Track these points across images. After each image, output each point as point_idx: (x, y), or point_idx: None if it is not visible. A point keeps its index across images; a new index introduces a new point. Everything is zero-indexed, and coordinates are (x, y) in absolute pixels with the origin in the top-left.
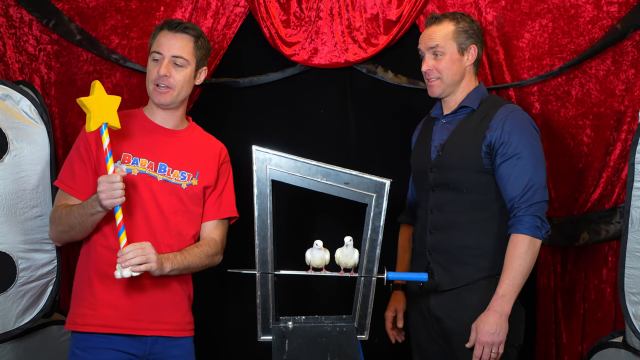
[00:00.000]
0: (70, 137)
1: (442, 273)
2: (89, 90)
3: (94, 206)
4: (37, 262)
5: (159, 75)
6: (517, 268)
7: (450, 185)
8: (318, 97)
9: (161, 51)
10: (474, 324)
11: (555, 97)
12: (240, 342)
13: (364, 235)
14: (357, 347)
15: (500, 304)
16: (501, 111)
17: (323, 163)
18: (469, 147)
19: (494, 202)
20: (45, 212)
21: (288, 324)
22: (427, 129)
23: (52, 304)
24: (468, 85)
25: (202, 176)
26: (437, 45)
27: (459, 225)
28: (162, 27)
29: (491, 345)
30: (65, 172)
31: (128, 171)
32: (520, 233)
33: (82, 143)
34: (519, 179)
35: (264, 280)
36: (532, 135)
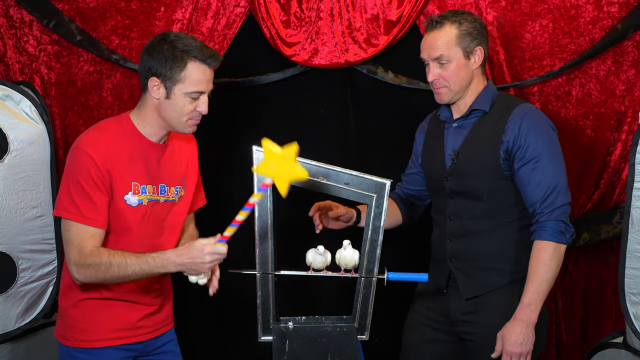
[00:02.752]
0: (71, 137)
1: (465, 280)
2: (89, 91)
3: (169, 268)
4: (38, 263)
5: (197, 112)
6: (543, 275)
7: (468, 193)
8: (318, 97)
9: (204, 90)
10: (499, 333)
11: (555, 98)
12: (241, 342)
13: (364, 236)
14: (358, 347)
15: (527, 312)
16: (516, 113)
17: (323, 163)
18: (486, 153)
19: (513, 207)
20: (45, 213)
21: (288, 324)
22: (437, 133)
23: (53, 305)
24: (477, 87)
25: (188, 183)
26: (441, 55)
27: (479, 232)
28: (197, 59)
29: (519, 356)
30: (83, 204)
31: (139, 202)
32: (544, 240)
33: (93, 172)
34: (540, 183)
35: (264, 280)
36: (549, 135)
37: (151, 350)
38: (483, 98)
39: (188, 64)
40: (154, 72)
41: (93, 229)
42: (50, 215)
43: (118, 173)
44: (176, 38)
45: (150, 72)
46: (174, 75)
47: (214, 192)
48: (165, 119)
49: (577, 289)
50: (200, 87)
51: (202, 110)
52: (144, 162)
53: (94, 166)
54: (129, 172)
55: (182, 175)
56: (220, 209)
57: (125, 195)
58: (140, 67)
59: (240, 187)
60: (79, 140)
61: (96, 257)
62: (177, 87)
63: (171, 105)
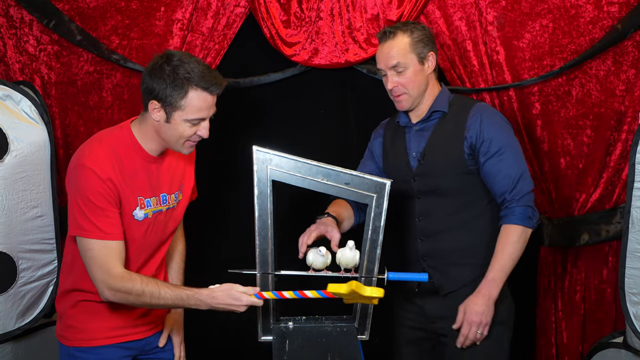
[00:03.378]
0: (71, 137)
1: (440, 277)
2: (89, 91)
3: (201, 307)
4: (38, 263)
5: (198, 136)
6: (509, 255)
7: (436, 192)
8: (318, 97)
9: (205, 117)
10: (461, 305)
11: (555, 98)
12: (241, 342)
13: (364, 236)
14: (358, 347)
15: (490, 287)
16: (474, 110)
17: (323, 163)
18: (451, 150)
19: (480, 200)
20: (45, 213)
21: (289, 324)
22: (398, 137)
23: (53, 305)
24: (433, 91)
25: (185, 186)
26: (398, 63)
27: (449, 228)
28: (198, 87)
29: (478, 325)
30: (99, 220)
31: (145, 216)
32: (512, 224)
33: (101, 189)
34: (507, 174)
35: (264, 280)
36: (508, 129)
37: (151, 349)
38: (441, 100)
39: (189, 92)
40: (155, 95)
41: (114, 242)
42: (51, 215)
43: (124, 189)
44: (179, 63)
45: (151, 95)
46: (175, 102)
47: (212, 192)
48: (164, 139)
49: (577, 289)
50: (200, 114)
51: (202, 134)
52: (146, 174)
53: (101, 183)
54: (134, 188)
55: (180, 181)
56: (219, 209)
57: (133, 211)
58: (142, 86)
59: (240, 187)
60: (83, 157)
61: (127, 283)
62: (177, 113)
63: (170, 129)
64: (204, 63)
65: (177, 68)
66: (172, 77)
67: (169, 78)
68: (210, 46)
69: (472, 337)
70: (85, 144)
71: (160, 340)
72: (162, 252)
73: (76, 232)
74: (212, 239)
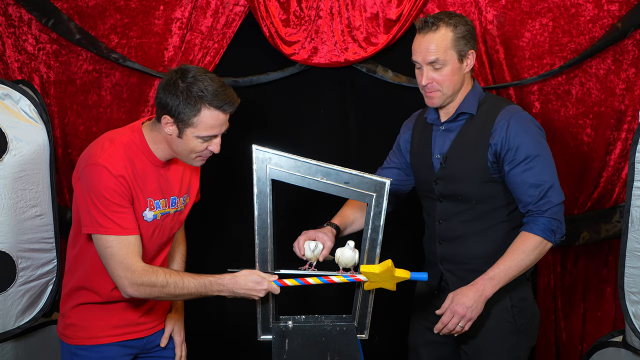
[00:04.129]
0: (70, 136)
1: (457, 282)
2: (88, 90)
3: (224, 293)
4: (37, 262)
5: (209, 151)
6: (518, 262)
7: (457, 197)
8: (318, 96)
9: (217, 133)
10: (451, 293)
11: (555, 97)
12: (240, 341)
13: (364, 235)
14: (357, 346)
15: (486, 285)
16: (502, 115)
17: (323, 162)
18: (474, 157)
19: (502, 209)
20: (45, 212)
21: (288, 323)
22: (424, 135)
23: (52, 304)
24: (465, 89)
25: (192, 189)
26: (437, 59)
27: (468, 235)
28: (211, 105)
29: (461, 317)
30: (116, 216)
31: (154, 217)
32: (532, 232)
33: (115, 186)
34: (533, 184)
35: None
36: (537, 135)
37: (152, 348)
38: (470, 100)
39: (202, 110)
40: (167, 111)
41: (132, 237)
42: (50, 215)
43: (135, 189)
44: (193, 80)
45: (164, 110)
46: (187, 119)
47: (211, 191)
48: (175, 152)
49: (577, 288)
50: (212, 132)
51: (213, 150)
52: (155, 177)
53: (114, 179)
54: (144, 189)
55: (188, 184)
56: (218, 209)
57: (143, 212)
58: (156, 99)
59: (240, 186)
60: (95, 156)
61: (151, 276)
62: (189, 129)
63: (182, 144)
64: (218, 80)
65: (191, 86)
66: (186, 95)
67: (183, 95)
68: (210, 45)
69: (451, 327)
70: (94, 144)
71: (162, 340)
72: (164, 254)
73: (94, 230)
74: (211, 238)
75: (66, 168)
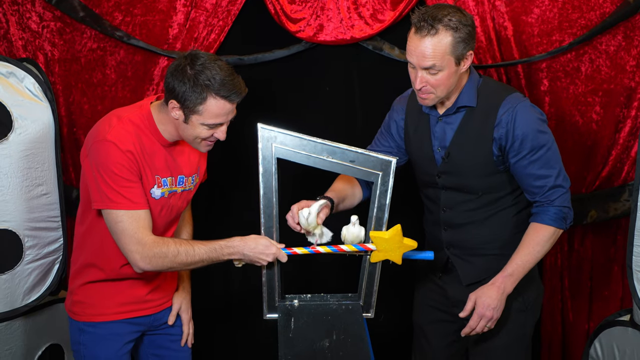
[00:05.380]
0: (75, 115)
1: (464, 265)
2: (93, 68)
3: (235, 256)
4: (44, 240)
5: (215, 138)
6: (533, 254)
7: (462, 189)
8: (323, 74)
9: (223, 122)
10: (472, 294)
11: (564, 74)
12: (246, 319)
13: (369, 214)
14: (363, 325)
15: (506, 282)
16: (504, 106)
17: (329, 141)
18: (478, 151)
19: (509, 196)
20: (50, 191)
21: (294, 302)
22: (421, 124)
23: (59, 282)
24: (462, 83)
25: (201, 169)
26: (433, 65)
27: (475, 222)
28: (218, 95)
29: (488, 320)
30: (127, 191)
31: (162, 195)
32: (544, 223)
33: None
34: (539, 175)
35: None
36: (541, 125)
37: (159, 325)
38: (468, 93)
39: (208, 99)
40: (174, 96)
41: (142, 211)
42: (56, 193)
43: (143, 165)
44: (201, 68)
45: (171, 95)
46: (193, 106)
47: (216, 171)
48: (181, 135)
49: (584, 267)
50: (218, 120)
51: (219, 137)
52: (163, 156)
53: (122, 154)
54: (152, 166)
55: (197, 164)
56: (223, 188)
57: (151, 189)
58: (165, 82)
59: (245, 165)
60: (104, 132)
61: (162, 247)
62: (195, 117)
63: (188, 129)
64: (227, 68)
65: (199, 74)
66: (193, 82)
67: (190, 82)
68: (214, 22)
69: (479, 330)
70: (102, 121)
71: (170, 318)
72: (171, 232)
73: (104, 205)
74: (217, 218)
75: (71, 147)
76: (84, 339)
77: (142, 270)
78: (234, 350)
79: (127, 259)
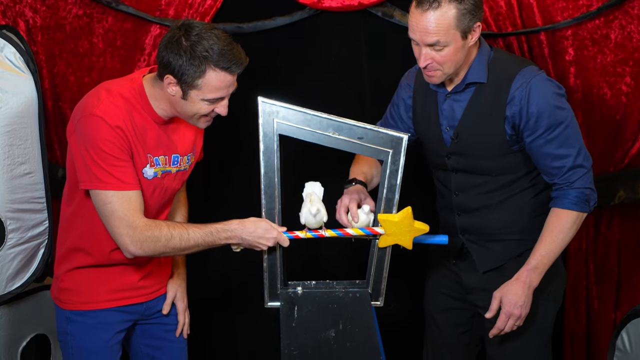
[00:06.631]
0: (60, 87)
1: (480, 251)
2: (79, 36)
3: (233, 240)
4: (28, 223)
5: (215, 113)
6: (557, 242)
7: (474, 171)
8: (329, 43)
9: (224, 95)
10: (497, 292)
11: (591, 42)
12: (246, 308)
13: (379, 195)
14: (372, 314)
15: (531, 275)
16: (517, 81)
17: (335, 116)
18: (489, 131)
19: (525, 177)
20: (34, 170)
21: (297, 289)
22: (429, 101)
23: (45, 268)
24: (471, 58)
25: (197, 147)
26: (437, 41)
27: (490, 205)
28: (217, 66)
29: (517, 318)
30: (117, 170)
31: (155, 175)
32: (566, 208)
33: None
34: (557, 155)
35: None
36: (558, 100)
37: (152, 314)
38: (478, 68)
39: (207, 72)
40: (170, 70)
41: (133, 192)
42: (40, 172)
43: (135, 142)
44: (197, 38)
45: (166, 69)
46: (191, 80)
47: (213, 149)
48: (178, 112)
49: (611, 252)
50: (219, 94)
51: (220, 112)
52: (155, 133)
53: (110, 130)
54: (144, 144)
55: (193, 142)
56: (221, 167)
57: (143, 169)
58: (158, 55)
59: (244, 138)
60: (92, 106)
61: (154, 230)
62: (194, 92)
63: (187, 105)
64: (225, 37)
65: (196, 45)
66: (189, 54)
67: (186, 55)
68: None
69: (507, 330)
70: (89, 94)
71: (164, 307)
72: (164, 215)
73: (92, 186)
74: (214, 199)
75: (56, 122)
76: (71, 329)
77: (133, 255)
78: (233, 342)
79: (117, 243)
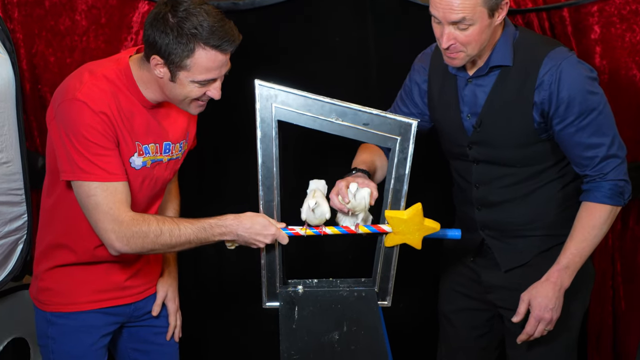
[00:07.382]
0: (39, 69)
1: (503, 248)
2: (59, 13)
3: (228, 236)
4: (4, 217)
5: (208, 97)
6: (590, 239)
7: (498, 162)
8: (333, 22)
9: (216, 76)
10: (525, 295)
11: (619, 19)
12: (243, 309)
13: (386, 186)
14: (379, 315)
15: (562, 275)
16: (546, 65)
17: (338, 100)
18: (515, 120)
19: (553, 167)
20: (12, 159)
21: (297, 288)
22: (447, 86)
23: (23, 265)
24: (494, 38)
25: (190, 134)
26: (463, 18)
27: (513, 199)
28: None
29: (547, 322)
30: (101, 160)
31: (144, 164)
32: (599, 202)
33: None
34: (589, 145)
35: None
36: (591, 85)
37: (141, 316)
38: (502, 50)
39: (196, 50)
40: (157, 50)
41: (119, 184)
42: (18, 162)
43: (121, 129)
44: (185, 15)
45: (152, 49)
46: (180, 61)
47: (210, 130)
48: (168, 97)
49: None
50: (210, 75)
51: (213, 96)
52: (144, 119)
53: (94, 116)
54: (132, 131)
55: (185, 128)
56: (216, 156)
57: (130, 158)
58: (144, 34)
59: (240, 125)
60: (74, 89)
61: (142, 225)
62: (183, 73)
63: (176, 89)
64: (216, 13)
65: (183, 21)
66: (177, 32)
67: (173, 33)
68: None
69: (537, 335)
70: (71, 76)
71: (154, 308)
72: (154, 208)
73: (74, 177)
74: (208, 191)
75: (36, 106)
76: (52, 332)
77: (119, 253)
78: (229, 345)
79: (101, 239)
